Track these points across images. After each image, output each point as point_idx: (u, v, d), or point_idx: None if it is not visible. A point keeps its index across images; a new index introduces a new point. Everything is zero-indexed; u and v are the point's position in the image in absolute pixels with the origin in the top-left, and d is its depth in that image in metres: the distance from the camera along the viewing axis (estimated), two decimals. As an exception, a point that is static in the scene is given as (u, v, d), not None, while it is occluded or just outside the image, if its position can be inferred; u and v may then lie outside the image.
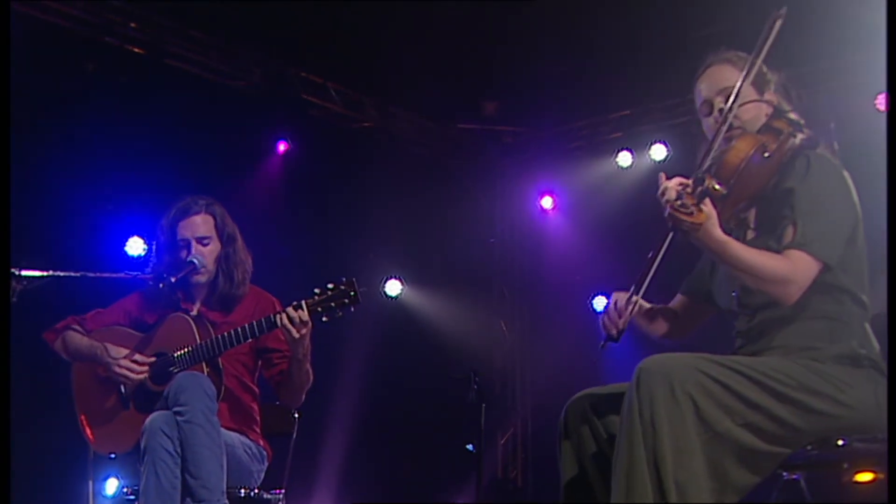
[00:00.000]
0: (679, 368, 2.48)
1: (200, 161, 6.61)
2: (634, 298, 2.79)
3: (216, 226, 3.98)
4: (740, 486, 2.52)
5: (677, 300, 3.08)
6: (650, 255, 2.70)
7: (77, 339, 3.95)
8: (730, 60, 2.85)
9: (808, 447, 2.66)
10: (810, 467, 2.89)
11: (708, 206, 2.54)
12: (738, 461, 2.50)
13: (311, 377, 3.84)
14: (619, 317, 2.81)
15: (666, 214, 2.55)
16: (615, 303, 2.83)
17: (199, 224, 3.95)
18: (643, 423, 2.43)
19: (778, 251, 2.62)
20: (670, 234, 2.62)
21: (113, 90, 6.31)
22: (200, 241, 3.93)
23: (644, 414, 2.43)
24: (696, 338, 3.15)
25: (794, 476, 3.01)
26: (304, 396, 3.93)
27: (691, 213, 2.51)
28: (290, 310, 3.60)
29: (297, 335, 3.60)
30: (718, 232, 2.57)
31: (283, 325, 3.59)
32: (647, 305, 2.99)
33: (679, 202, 2.51)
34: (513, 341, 8.56)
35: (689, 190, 2.53)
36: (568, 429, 2.79)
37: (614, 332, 2.83)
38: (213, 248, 3.96)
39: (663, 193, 2.57)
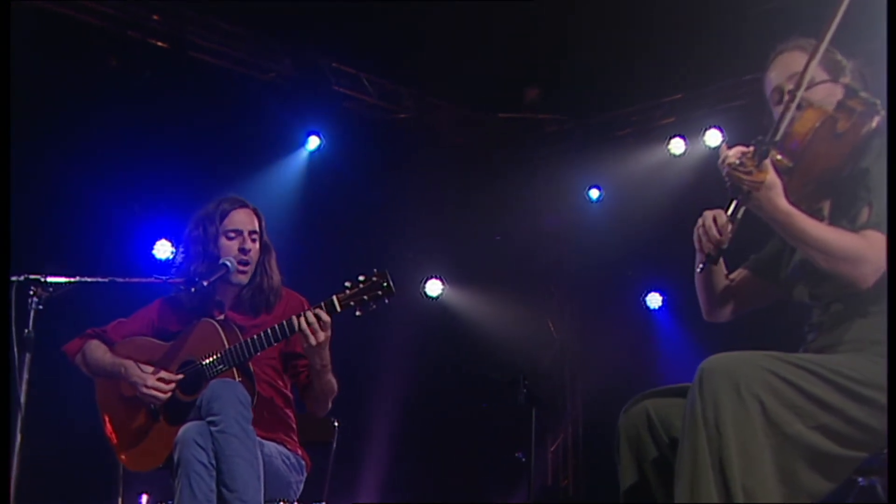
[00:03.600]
0: (745, 367, 2.44)
1: (229, 158, 6.66)
2: (732, 224, 2.68)
3: (260, 227, 4.01)
4: (813, 493, 2.48)
5: (738, 275, 3.03)
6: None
7: (99, 354, 3.95)
8: (800, 47, 2.84)
9: (886, 450, 2.61)
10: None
11: (771, 173, 2.54)
12: (810, 466, 2.46)
13: (336, 387, 3.83)
14: (721, 234, 2.68)
15: (724, 174, 2.57)
16: (714, 218, 2.69)
17: (250, 219, 3.98)
18: (707, 427, 2.39)
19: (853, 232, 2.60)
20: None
21: (137, 86, 6.37)
22: (251, 234, 3.96)
23: (708, 416, 2.39)
24: (760, 334, 3.10)
25: (870, 481, 2.95)
26: (329, 405, 3.91)
27: (750, 173, 2.52)
28: (308, 312, 3.59)
29: (314, 341, 3.58)
30: (783, 202, 2.57)
31: (301, 329, 3.58)
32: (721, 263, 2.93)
33: (738, 162, 2.54)
34: (562, 342, 8.52)
35: (749, 154, 2.55)
36: (627, 433, 2.76)
37: (714, 252, 2.70)
38: (258, 249, 3.98)
39: (724, 161, 2.59)
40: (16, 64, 3.46)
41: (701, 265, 2.79)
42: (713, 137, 7.43)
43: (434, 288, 8.02)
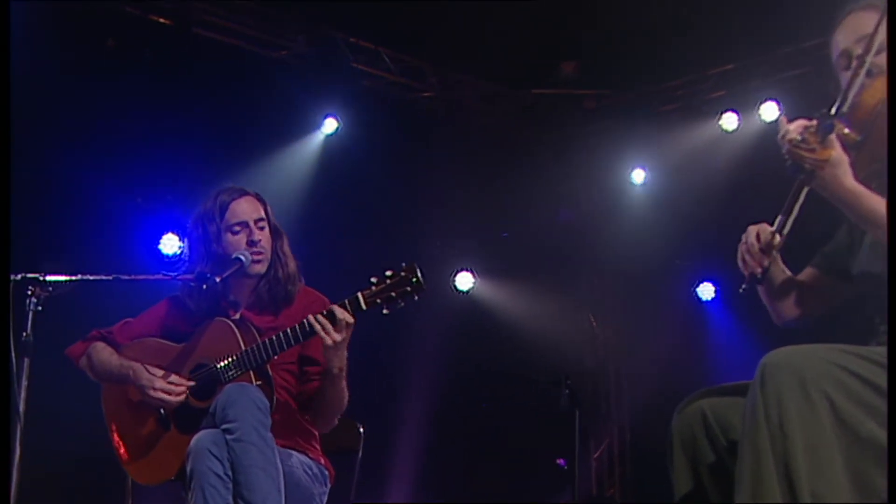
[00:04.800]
0: (811, 362, 2.42)
1: (238, 144, 6.68)
2: (780, 237, 2.73)
3: (266, 213, 4.00)
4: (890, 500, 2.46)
5: (806, 273, 3.01)
6: (795, 186, 2.65)
7: (105, 357, 3.97)
8: (872, 6, 2.77)
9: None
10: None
11: (837, 150, 2.52)
12: (885, 469, 2.43)
13: (346, 400, 3.81)
14: (764, 252, 2.74)
15: (784, 151, 2.55)
16: (757, 234, 2.77)
17: (254, 207, 3.97)
18: (771, 428, 2.37)
19: None
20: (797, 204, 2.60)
21: (137, 67, 6.39)
22: (258, 223, 3.96)
23: (771, 416, 2.37)
24: (827, 326, 3.07)
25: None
26: (336, 421, 3.90)
27: (813, 150, 2.50)
28: (331, 309, 3.58)
29: (329, 341, 3.57)
30: (851, 181, 2.54)
31: (319, 324, 3.57)
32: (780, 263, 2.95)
33: (800, 139, 2.52)
34: (605, 338, 8.50)
35: (812, 129, 2.53)
36: (681, 436, 2.74)
37: (759, 270, 2.77)
38: (269, 235, 3.98)
39: (784, 136, 2.57)
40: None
41: (743, 286, 2.82)
42: (769, 111, 7.37)
43: (464, 281, 8.02)
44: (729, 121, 7.65)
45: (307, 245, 4.28)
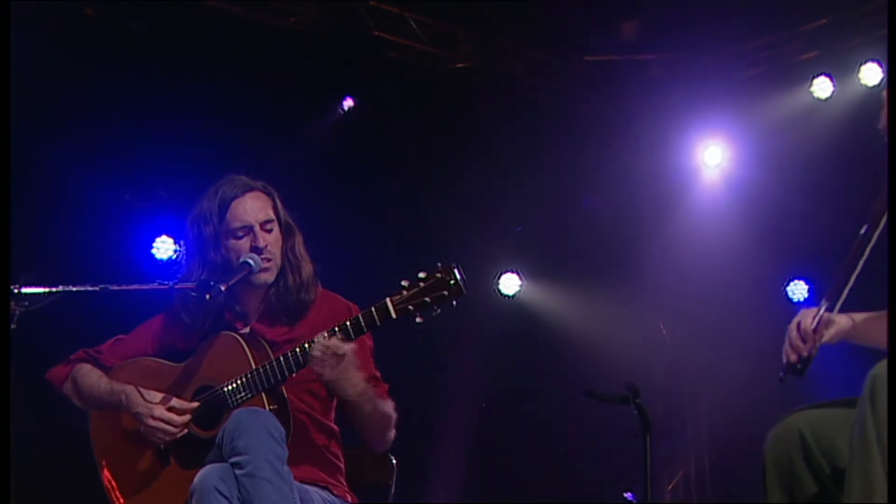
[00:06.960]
0: (928, 372, 2.41)
1: (243, 128, 6.69)
2: (826, 315, 2.79)
3: (275, 210, 4.01)
4: None
5: None
6: (847, 259, 2.72)
7: (93, 380, 3.99)
8: None
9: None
10: None
11: None
12: None
13: (391, 414, 3.84)
14: (804, 341, 2.82)
15: (880, 126, 2.63)
16: (798, 323, 2.87)
17: (260, 205, 3.98)
18: (883, 451, 2.37)
19: None
20: (883, 218, 2.62)
21: (122, 42, 6.42)
22: (264, 225, 3.96)
23: (883, 438, 2.37)
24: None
25: None
26: (389, 438, 3.91)
27: None
28: (321, 338, 3.62)
29: (325, 375, 3.62)
30: None
31: (311, 354, 3.61)
32: (862, 317, 2.95)
33: None
34: (677, 349, 8.46)
35: None
36: (776, 462, 2.75)
37: (795, 358, 2.87)
38: (278, 236, 3.98)
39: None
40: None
41: (781, 375, 2.94)
42: (871, 74, 7.30)
43: (510, 284, 8.03)
44: (822, 87, 7.60)
45: (324, 244, 4.28)
